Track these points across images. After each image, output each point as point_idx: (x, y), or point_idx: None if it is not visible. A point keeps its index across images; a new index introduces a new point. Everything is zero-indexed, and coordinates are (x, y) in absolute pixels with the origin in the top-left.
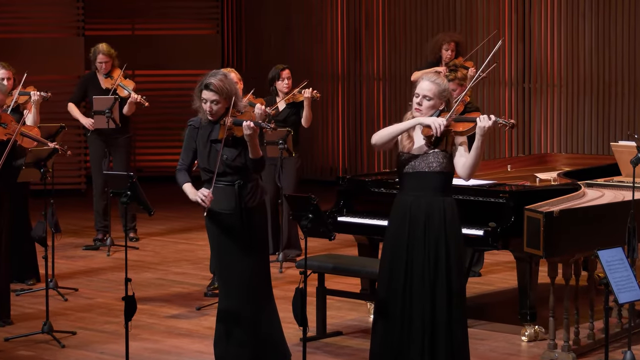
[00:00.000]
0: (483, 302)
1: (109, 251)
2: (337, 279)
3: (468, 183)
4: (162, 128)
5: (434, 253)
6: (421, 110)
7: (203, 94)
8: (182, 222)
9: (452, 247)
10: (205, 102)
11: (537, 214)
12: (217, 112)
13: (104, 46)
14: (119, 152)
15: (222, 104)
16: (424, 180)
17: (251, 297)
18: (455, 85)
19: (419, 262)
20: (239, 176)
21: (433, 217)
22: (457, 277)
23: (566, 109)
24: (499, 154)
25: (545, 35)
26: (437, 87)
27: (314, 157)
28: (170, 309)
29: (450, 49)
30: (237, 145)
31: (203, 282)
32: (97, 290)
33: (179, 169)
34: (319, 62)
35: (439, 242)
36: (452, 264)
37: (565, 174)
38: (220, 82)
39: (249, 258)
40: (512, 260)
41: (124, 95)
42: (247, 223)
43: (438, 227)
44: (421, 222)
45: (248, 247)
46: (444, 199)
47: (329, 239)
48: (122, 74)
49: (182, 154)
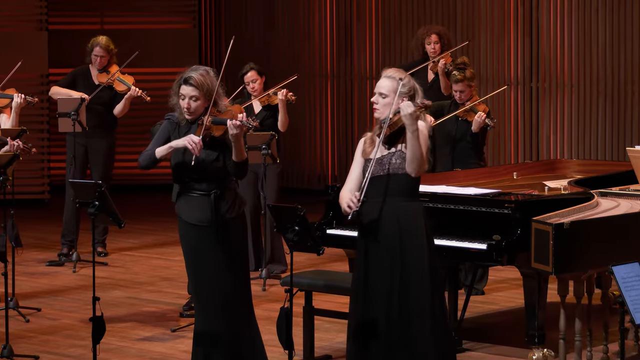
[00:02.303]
0: (487, 323)
1: (75, 267)
2: (326, 298)
3: (469, 192)
4: (133, 132)
5: (388, 266)
6: (377, 110)
7: (181, 89)
8: (156, 235)
9: (410, 260)
10: (184, 98)
11: (546, 226)
12: (196, 110)
13: (103, 39)
14: (99, 159)
15: (201, 101)
16: (379, 184)
17: (231, 318)
18: (464, 86)
19: (375, 277)
20: (216, 184)
21: (386, 225)
22: (420, 292)
23: (577, 111)
24: (503, 159)
25: (555, 30)
26: (392, 82)
27: (300, 163)
28: (143, 331)
29: (433, 42)
30: (215, 148)
31: (179, 301)
32: (61, 311)
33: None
34: (306, 59)
35: (394, 254)
36: (410, 279)
37: (576, 182)
38: (201, 77)
39: (227, 275)
40: (518, 277)
41: (121, 90)
42: (225, 237)
43: (392, 236)
44: (374, 231)
45: (226, 263)
46: (402, 204)
47: (317, 253)
48: (120, 70)
49: (150, 144)
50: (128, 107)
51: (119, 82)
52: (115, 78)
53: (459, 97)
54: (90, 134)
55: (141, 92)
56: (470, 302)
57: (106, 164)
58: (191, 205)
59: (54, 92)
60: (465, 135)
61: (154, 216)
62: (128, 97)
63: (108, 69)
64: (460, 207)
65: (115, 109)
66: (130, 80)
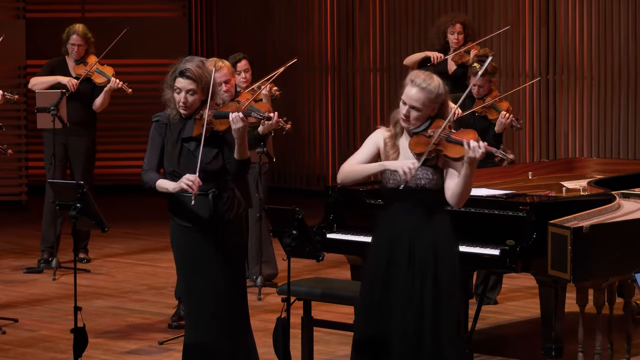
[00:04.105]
0: (500, 334)
1: (55, 275)
2: (326, 307)
3: (482, 193)
4: (117, 129)
5: (419, 280)
6: (409, 122)
7: (177, 82)
8: (143, 240)
9: (444, 275)
10: (179, 91)
11: (564, 230)
12: (193, 104)
13: (80, 27)
14: (80, 157)
15: (198, 94)
16: (410, 197)
17: (225, 329)
18: (484, 80)
19: (400, 288)
20: (214, 183)
21: (420, 238)
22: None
23: (598, 106)
24: (518, 158)
25: (574, 19)
26: (428, 95)
27: (298, 162)
28: (128, 343)
29: (457, 32)
30: (214, 145)
31: (167, 311)
32: (40, 321)
33: (146, 169)
34: (305, 51)
35: (427, 267)
36: (442, 292)
37: (596, 183)
38: (198, 69)
39: (223, 282)
40: (534, 285)
41: (100, 82)
42: (222, 240)
43: (426, 250)
44: (405, 243)
45: (222, 270)
46: (433, 218)
47: (317, 259)
48: (99, 60)
49: (147, 153)
50: (108, 101)
51: (98, 73)
52: (94, 70)
53: (477, 92)
54: (69, 131)
55: (122, 84)
56: (482, 312)
57: (87, 163)
58: (186, 206)
59: (34, 83)
60: (483, 135)
61: (140, 219)
62: (108, 90)
63: (86, 60)
64: (471, 210)
65: (94, 103)
66: (110, 71)
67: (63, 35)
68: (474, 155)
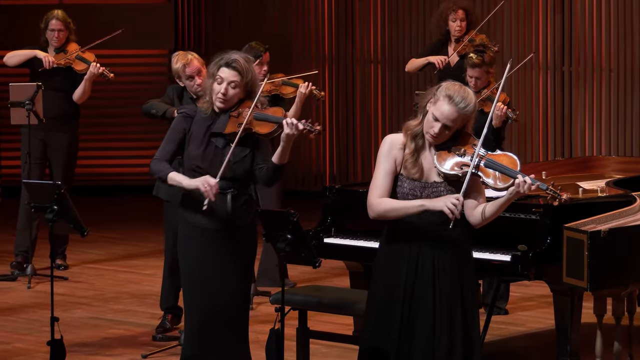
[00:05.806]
0: (511, 347)
1: (30, 282)
2: (323, 318)
3: (490, 194)
4: (98, 125)
5: (447, 298)
6: (437, 139)
7: (221, 71)
8: (125, 245)
9: (466, 287)
10: (221, 81)
11: (580, 234)
12: (231, 99)
13: (59, 12)
14: (60, 155)
15: (239, 90)
16: (432, 214)
17: (225, 341)
18: (481, 72)
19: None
20: (235, 184)
21: (444, 255)
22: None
23: (617, 100)
24: (530, 156)
25: (590, 5)
26: (465, 114)
27: (294, 161)
28: (109, 357)
29: (459, 19)
30: (245, 145)
31: (151, 322)
32: (14, 333)
33: (158, 158)
34: (300, 40)
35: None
36: (468, 308)
37: (615, 183)
38: (246, 63)
39: (230, 291)
40: (547, 293)
41: (80, 70)
42: (234, 246)
43: (451, 265)
44: (428, 261)
45: (232, 277)
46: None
47: (313, 266)
48: (81, 48)
49: (163, 143)
50: (89, 90)
51: (79, 60)
52: (74, 57)
53: (474, 85)
54: (49, 126)
55: (103, 69)
56: (491, 322)
57: (68, 162)
58: (201, 205)
59: (9, 56)
60: (481, 131)
61: (123, 223)
62: (89, 77)
63: (66, 48)
64: None
65: (75, 93)
66: (91, 57)
67: (41, 24)
68: (521, 191)
